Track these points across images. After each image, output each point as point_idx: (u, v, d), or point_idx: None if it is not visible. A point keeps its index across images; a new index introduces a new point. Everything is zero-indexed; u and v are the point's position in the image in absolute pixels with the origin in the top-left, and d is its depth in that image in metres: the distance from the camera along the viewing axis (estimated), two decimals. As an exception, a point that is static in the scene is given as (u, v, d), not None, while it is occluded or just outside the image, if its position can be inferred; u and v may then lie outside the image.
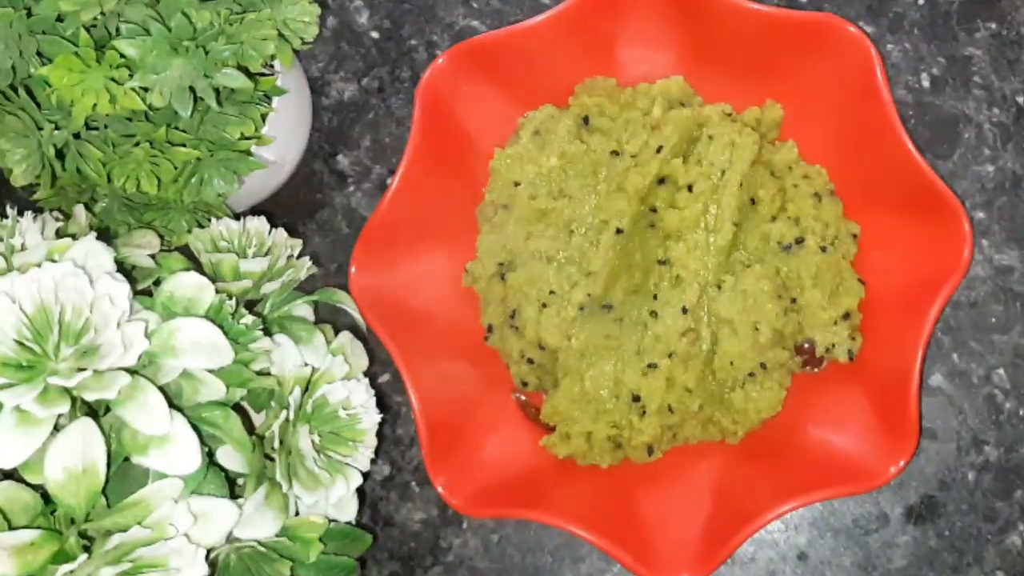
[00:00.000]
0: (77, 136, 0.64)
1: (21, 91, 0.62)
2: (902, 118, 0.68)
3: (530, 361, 0.72)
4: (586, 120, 0.75)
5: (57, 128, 0.63)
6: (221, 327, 0.56)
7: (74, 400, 0.51)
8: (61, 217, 0.66)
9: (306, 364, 0.63)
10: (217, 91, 0.64)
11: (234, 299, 0.59)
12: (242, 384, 0.58)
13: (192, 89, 0.61)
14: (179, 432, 0.53)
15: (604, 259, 0.69)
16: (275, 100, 0.72)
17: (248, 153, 0.69)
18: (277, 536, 0.59)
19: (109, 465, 0.51)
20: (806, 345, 0.71)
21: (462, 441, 0.72)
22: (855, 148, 0.71)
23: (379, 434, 0.63)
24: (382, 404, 0.65)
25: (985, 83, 0.77)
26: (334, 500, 0.61)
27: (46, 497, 0.51)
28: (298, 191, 0.82)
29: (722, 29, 0.73)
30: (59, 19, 0.60)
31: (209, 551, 0.53)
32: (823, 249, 0.70)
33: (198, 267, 0.64)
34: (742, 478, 0.70)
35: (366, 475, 0.63)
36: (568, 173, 0.73)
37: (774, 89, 0.75)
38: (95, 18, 0.60)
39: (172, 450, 0.52)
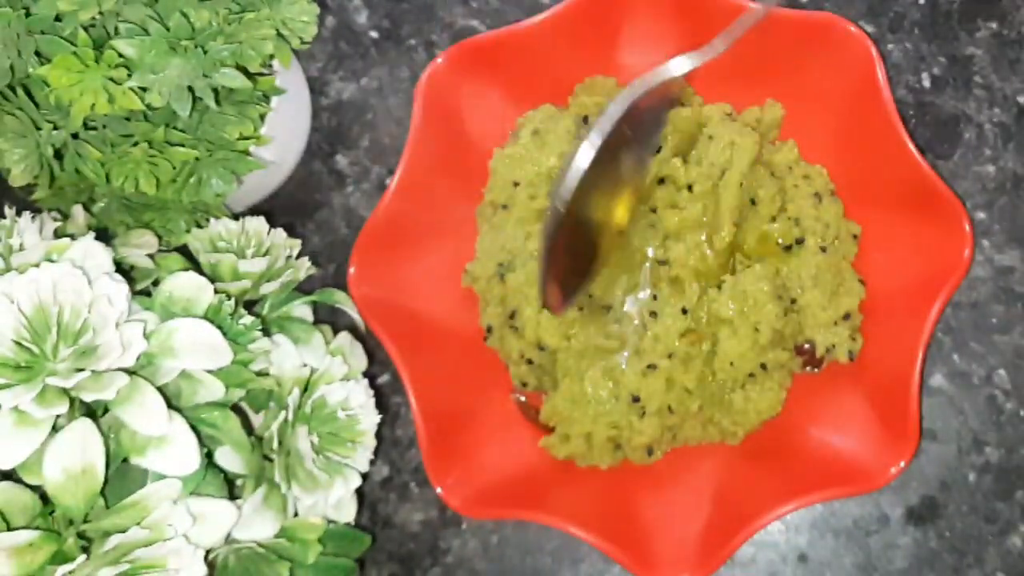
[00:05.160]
0: (75, 136, 0.64)
1: (19, 91, 0.62)
2: (903, 118, 0.68)
3: (529, 362, 0.72)
4: (586, 120, 0.75)
5: (55, 128, 0.63)
6: (220, 328, 0.56)
7: (72, 401, 0.51)
8: (59, 217, 0.66)
9: (305, 365, 0.63)
10: (216, 91, 0.64)
11: (233, 299, 0.59)
12: (241, 385, 0.58)
13: (191, 89, 0.61)
14: (178, 433, 0.53)
15: (604, 259, 0.69)
16: (274, 100, 0.72)
17: (247, 153, 0.69)
18: (276, 537, 0.59)
19: (108, 466, 0.51)
20: (806, 346, 0.71)
21: (461, 442, 0.72)
22: (856, 148, 0.71)
23: (378, 435, 0.63)
24: (381, 405, 0.65)
25: (986, 83, 0.77)
26: (333, 501, 0.61)
27: (44, 498, 0.51)
28: (297, 191, 0.82)
29: (722, 29, 0.73)
30: (57, 19, 0.60)
31: (208, 552, 0.53)
32: (823, 249, 0.70)
33: (197, 267, 0.64)
34: (742, 479, 0.70)
35: (365, 476, 0.63)
36: (568, 173, 0.73)
37: (774, 89, 0.75)
38: (93, 18, 0.60)
39: (171, 451, 0.52)
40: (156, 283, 0.59)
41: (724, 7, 0.72)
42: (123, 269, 0.58)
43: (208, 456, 0.56)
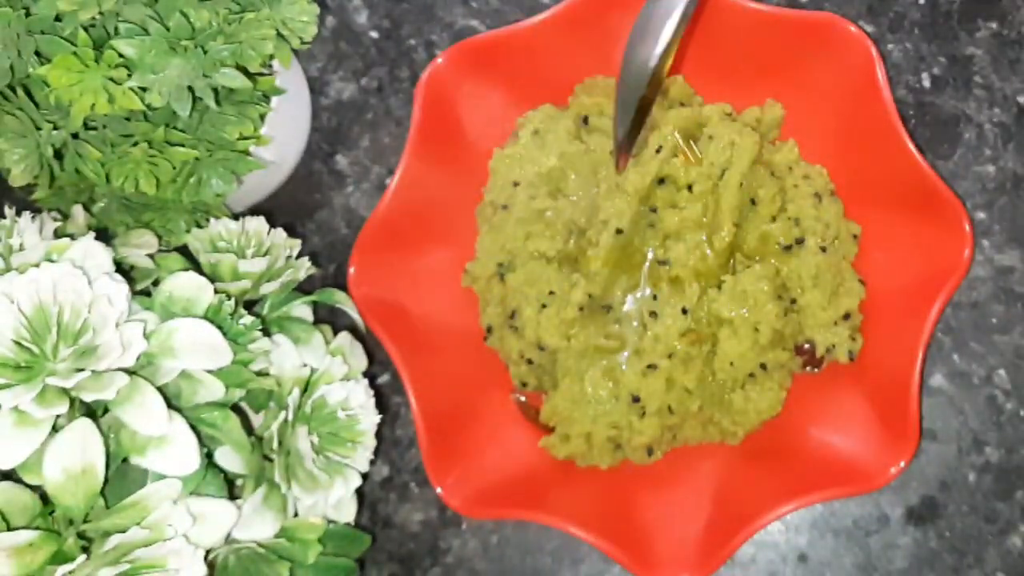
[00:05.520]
0: (75, 136, 0.64)
1: (20, 91, 0.62)
2: (903, 118, 0.68)
3: (529, 362, 0.72)
4: (585, 120, 0.75)
5: (56, 128, 0.63)
6: (220, 327, 0.56)
7: (72, 401, 0.51)
8: (59, 217, 0.66)
9: (305, 365, 0.63)
10: (216, 91, 0.64)
11: (233, 299, 0.59)
12: (241, 385, 0.58)
13: (191, 89, 0.61)
14: (178, 433, 0.53)
15: (604, 259, 0.69)
16: (274, 100, 0.72)
17: (247, 153, 0.69)
18: (276, 537, 0.59)
19: (108, 466, 0.51)
20: (806, 346, 0.71)
21: (461, 442, 0.72)
22: (856, 148, 0.71)
23: (378, 435, 0.63)
24: (381, 405, 0.65)
25: (986, 83, 0.77)
26: (333, 501, 0.61)
27: (45, 498, 0.51)
28: (297, 191, 0.82)
29: (722, 29, 0.73)
30: (57, 19, 0.60)
31: (208, 552, 0.53)
32: (823, 249, 0.70)
33: (197, 267, 0.64)
34: (742, 479, 0.70)
35: (365, 476, 0.63)
36: (567, 173, 0.73)
37: (774, 89, 0.75)
38: (93, 18, 0.60)
39: (171, 451, 0.52)
40: (156, 283, 0.59)
41: (723, 7, 0.72)
42: (123, 269, 0.58)
43: (208, 456, 0.56)
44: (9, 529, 0.50)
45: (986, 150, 0.76)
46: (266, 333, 0.61)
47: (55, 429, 0.50)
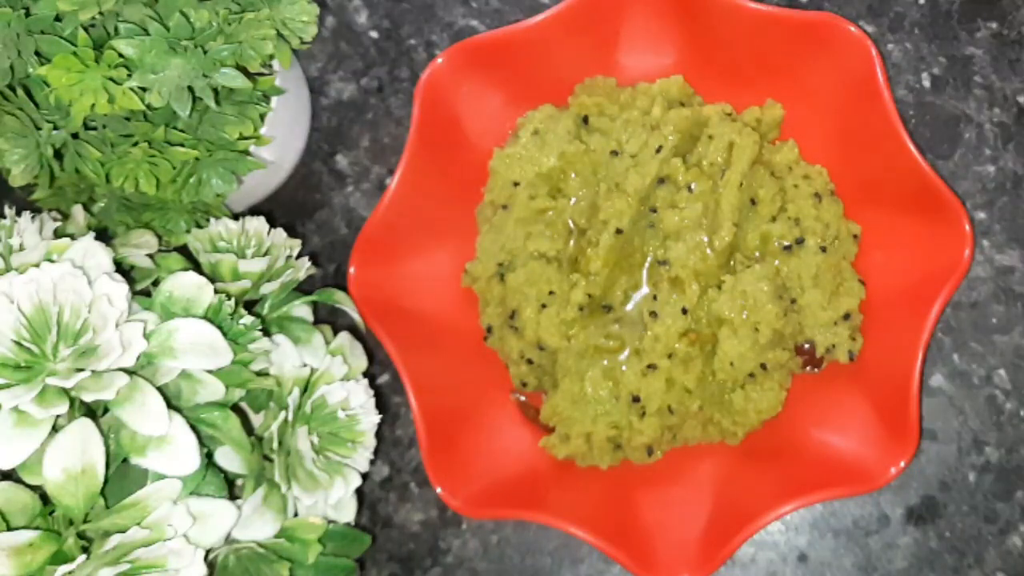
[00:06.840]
0: (75, 136, 0.64)
1: (19, 91, 0.62)
2: (903, 118, 0.68)
3: (529, 362, 0.72)
4: (586, 120, 0.75)
5: (55, 128, 0.63)
6: (220, 327, 0.56)
7: (72, 401, 0.51)
8: (59, 217, 0.66)
9: (305, 365, 0.63)
10: (216, 91, 0.64)
11: (233, 299, 0.59)
12: (241, 385, 0.58)
13: (191, 89, 0.61)
14: (178, 433, 0.53)
15: (604, 259, 0.69)
16: (274, 100, 0.71)
17: (247, 153, 0.69)
18: (276, 537, 0.59)
19: (108, 466, 0.51)
20: (806, 346, 0.71)
21: (461, 442, 0.72)
22: (856, 148, 0.71)
23: (378, 435, 0.63)
24: (381, 405, 0.65)
25: (986, 83, 0.77)
26: (333, 501, 0.61)
27: (45, 498, 0.51)
28: (297, 191, 0.82)
29: (722, 29, 0.73)
30: (57, 19, 0.60)
31: (208, 552, 0.53)
32: (823, 249, 0.70)
33: (197, 267, 0.64)
34: (742, 479, 0.70)
35: (365, 476, 0.63)
36: (567, 173, 0.73)
37: (774, 89, 0.75)
38: (93, 18, 0.60)
39: (171, 451, 0.52)
40: (156, 283, 0.59)
41: (723, 7, 0.72)
42: (123, 269, 0.58)
43: (208, 456, 0.56)
44: (9, 529, 0.50)
45: (986, 150, 0.76)
46: (266, 333, 0.61)
47: (55, 429, 0.50)
